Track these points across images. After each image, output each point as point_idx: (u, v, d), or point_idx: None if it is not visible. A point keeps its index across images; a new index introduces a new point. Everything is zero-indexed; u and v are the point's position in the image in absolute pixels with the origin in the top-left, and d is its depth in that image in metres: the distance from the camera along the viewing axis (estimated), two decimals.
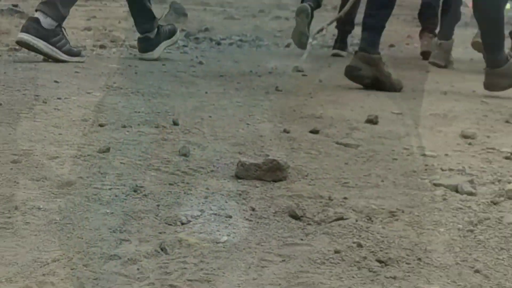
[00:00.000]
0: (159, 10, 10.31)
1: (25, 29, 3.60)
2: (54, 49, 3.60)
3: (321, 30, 5.50)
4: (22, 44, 3.66)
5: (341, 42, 5.61)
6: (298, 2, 5.62)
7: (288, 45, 5.63)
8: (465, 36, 6.50)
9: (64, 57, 3.61)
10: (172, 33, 4.44)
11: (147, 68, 3.53)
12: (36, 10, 3.69)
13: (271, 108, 2.62)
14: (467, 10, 6.62)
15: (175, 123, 2.20)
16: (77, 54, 3.72)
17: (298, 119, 2.47)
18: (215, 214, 1.38)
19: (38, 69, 3.21)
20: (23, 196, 1.43)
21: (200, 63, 4.01)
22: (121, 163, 1.73)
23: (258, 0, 24.97)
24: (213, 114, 2.41)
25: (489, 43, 3.55)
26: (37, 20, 3.59)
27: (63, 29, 3.74)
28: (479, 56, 5.86)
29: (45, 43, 3.55)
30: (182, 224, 1.33)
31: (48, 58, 3.62)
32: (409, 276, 1.14)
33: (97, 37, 5.32)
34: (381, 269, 1.16)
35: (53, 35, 3.62)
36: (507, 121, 2.70)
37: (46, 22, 3.60)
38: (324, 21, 5.52)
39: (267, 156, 1.69)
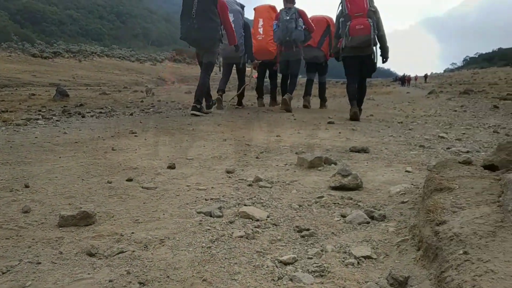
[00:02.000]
0: (53, 93, 9.51)
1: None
2: None
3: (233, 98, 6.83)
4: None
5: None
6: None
7: (131, 114, 5.39)
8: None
9: None
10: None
11: (21, 142, 3.16)
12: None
13: (104, 165, 2.45)
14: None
15: (26, 186, 1.96)
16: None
17: (121, 171, 2.32)
18: (30, 262, 1.21)
19: None
20: None
21: (64, 133, 3.69)
22: None
23: (122, 80, 24.10)
24: (59, 175, 2.19)
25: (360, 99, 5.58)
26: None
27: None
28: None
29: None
30: (3, 273, 1.15)
31: None
32: None
33: None
34: None
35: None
36: (257, 157, 2.76)
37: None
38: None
39: (81, 208, 1.54)
